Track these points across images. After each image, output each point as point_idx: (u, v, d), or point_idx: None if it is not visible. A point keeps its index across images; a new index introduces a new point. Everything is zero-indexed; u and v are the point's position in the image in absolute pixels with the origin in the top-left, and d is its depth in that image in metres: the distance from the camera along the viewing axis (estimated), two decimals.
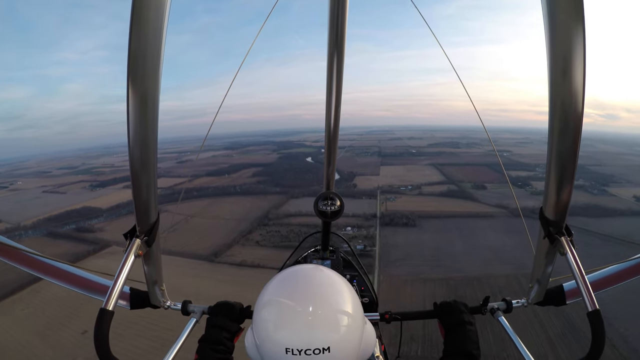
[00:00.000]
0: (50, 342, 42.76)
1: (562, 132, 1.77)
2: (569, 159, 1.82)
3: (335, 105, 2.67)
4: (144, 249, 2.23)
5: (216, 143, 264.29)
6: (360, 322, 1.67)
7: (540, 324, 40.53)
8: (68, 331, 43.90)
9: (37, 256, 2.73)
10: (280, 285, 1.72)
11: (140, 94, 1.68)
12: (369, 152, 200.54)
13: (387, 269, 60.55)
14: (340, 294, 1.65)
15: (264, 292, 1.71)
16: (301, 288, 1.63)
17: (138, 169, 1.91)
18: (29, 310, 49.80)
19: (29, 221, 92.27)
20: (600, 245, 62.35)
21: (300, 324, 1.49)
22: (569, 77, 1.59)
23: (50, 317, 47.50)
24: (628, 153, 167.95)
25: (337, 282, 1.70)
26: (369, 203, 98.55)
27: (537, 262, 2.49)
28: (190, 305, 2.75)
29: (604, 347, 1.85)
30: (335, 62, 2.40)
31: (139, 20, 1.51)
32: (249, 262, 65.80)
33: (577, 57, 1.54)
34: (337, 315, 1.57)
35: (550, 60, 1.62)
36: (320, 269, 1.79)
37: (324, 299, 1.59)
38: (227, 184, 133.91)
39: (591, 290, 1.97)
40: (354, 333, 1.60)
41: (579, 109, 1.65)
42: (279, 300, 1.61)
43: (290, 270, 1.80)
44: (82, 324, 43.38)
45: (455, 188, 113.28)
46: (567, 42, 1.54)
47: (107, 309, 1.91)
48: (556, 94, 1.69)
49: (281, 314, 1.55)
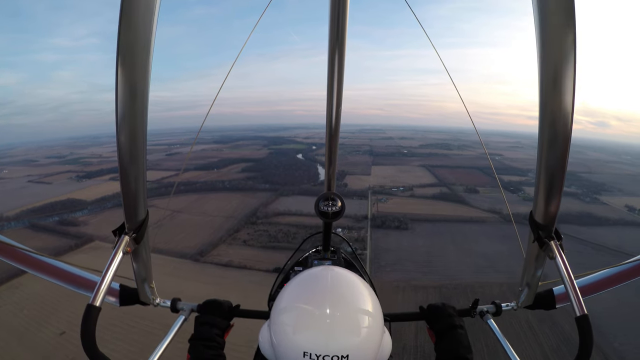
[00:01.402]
0: (27, 343, 41.32)
1: (552, 137, 1.79)
2: (559, 164, 1.84)
3: (336, 106, 2.49)
4: (132, 246, 2.22)
5: (206, 136, 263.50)
6: (380, 323, 1.72)
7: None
8: (46, 332, 42.75)
9: (24, 250, 2.68)
10: (298, 289, 1.79)
11: (129, 88, 1.68)
12: (360, 151, 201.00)
13: (378, 275, 58.97)
14: (359, 294, 1.72)
15: (282, 297, 1.77)
16: (319, 291, 1.70)
17: (127, 166, 1.89)
18: (7, 308, 48.23)
19: (11, 212, 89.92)
20: (594, 255, 62.71)
21: (320, 328, 1.52)
22: (559, 89, 1.63)
23: (29, 315, 46.11)
24: (618, 161, 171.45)
25: (354, 282, 1.78)
26: (360, 204, 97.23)
27: (527, 266, 2.49)
28: (180, 303, 2.78)
29: (592, 352, 1.89)
30: (337, 61, 2.18)
31: (128, 12, 1.49)
32: (235, 263, 63.66)
33: (568, 70, 1.57)
34: (357, 316, 1.61)
35: (541, 71, 1.66)
36: (336, 270, 1.89)
37: (343, 300, 1.64)
38: (215, 178, 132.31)
39: (580, 295, 1.99)
40: (373, 335, 1.63)
41: (569, 119, 1.69)
42: (298, 305, 1.66)
43: (306, 274, 1.90)
44: (61, 324, 42.73)
45: (447, 191, 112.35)
46: (558, 53, 1.56)
47: (94, 304, 1.89)
48: (546, 105, 1.72)
49: (300, 319, 1.59)
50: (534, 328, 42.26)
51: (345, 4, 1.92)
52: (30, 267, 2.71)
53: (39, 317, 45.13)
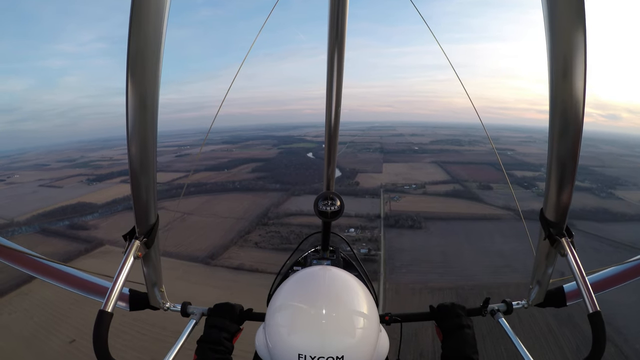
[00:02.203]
0: (36, 350, 40.93)
1: (563, 134, 1.80)
2: (570, 160, 1.85)
3: (335, 106, 2.51)
4: (143, 250, 2.23)
5: (216, 137, 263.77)
6: (376, 324, 1.73)
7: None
8: (55, 340, 42.35)
9: (35, 257, 2.73)
10: (293, 288, 1.82)
11: (139, 96, 1.70)
12: (370, 149, 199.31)
13: (393, 277, 57.73)
14: (355, 295, 1.72)
15: (277, 296, 1.79)
16: (314, 291, 1.71)
17: (137, 171, 1.92)
18: (17, 315, 47.95)
19: (22, 217, 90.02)
20: (612, 253, 61.03)
21: (314, 329, 1.53)
22: (570, 78, 1.63)
23: (38, 322, 45.71)
24: (631, 154, 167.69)
25: (350, 283, 1.80)
26: (372, 202, 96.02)
27: (538, 263, 2.50)
28: (190, 307, 2.78)
29: (605, 348, 1.88)
30: (336, 60, 2.25)
31: (138, 21, 1.51)
32: (247, 266, 62.74)
33: (578, 59, 1.57)
34: (352, 317, 1.62)
35: (551, 61, 1.66)
36: (333, 270, 1.91)
37: (338, 301, 1.65)
38: (226, 179, 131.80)
39: (592, 291, 2.00)
40: (369, 336, 1.64)
41: (580, 111, 1.69)
42: (293, 304, 1.68)
43: (303, 273, 1.92)
44: (70, 331, 42.35)
45: (460, 188, 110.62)
46: (568, 44, 1.57)
47: (106, 310, 1.90)
48: (557, 96, 1.72)
49: (295, 319, 1.61)
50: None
51: (344, 4, 1.94)
52: (42, 274, 2.72)
53: (48, 325, 44.74)
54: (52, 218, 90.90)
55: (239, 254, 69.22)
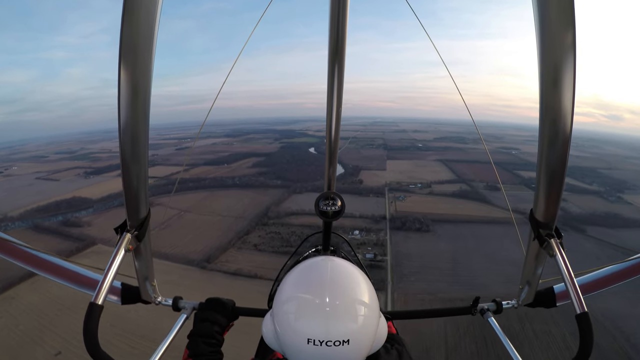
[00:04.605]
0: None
1: (553, 136, 1.83)
2: (559, 165, 1.89)
3: (336, 106, 2.52)
4: (134, 243, 2.25)
5: (217, 130, 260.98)
6: (376, 310, 1.79)
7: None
8: (40, 350, 39.89)
9: (26, 248, 2.69)
10: (299, 278, 1.85)
11: (131, 86, 1.71)
12: (373, 145, 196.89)
13: (401, 285, 54.73)
14: (356, 283, 1.77)
15: (283, 288, 1.82)
16: (319, 281, 1.75)
17: (129, 163, 1.94)
18: (1, 321, 45.25)
19: (16, 211, 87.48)
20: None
21: (321, 315, 1.60)
22: (560, 85, 1.67)
23: (24, 330, 43.14)
24: (636, 157, 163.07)
25: (352, 272, 1.83)
26: (377, 202, 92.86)
27: (527, 264, 2.55)
28: (181, 302, 2.82)
29: (592, 349, 1.93)
30: (337, 61, 2.23)
31: (131, 9, 1.53)
32: (245, 271, 59.37)
33: (568, 69, 1.62)
34: (355, 305, 1.68)
35: (541, 71, 1.70)
36: (336, 260, 1.94)
37: (342, 289, 1.70)
38: (225, 174, 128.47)
39: (580, 292, 2.03)
40: (371, 321, 1.71)
41: (569, 115, 1.74)
42: (300, 295, 1.72)
43: (307, 263, 1.94)
44: (56, 342, 40.34)
45: (467, 188, 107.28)
46: (558, 54, 1.61)
47: (96, 303, 1.91)
48: (547, 102, 1.77)
49: (302, 307, 1.66)
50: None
51: (345, 4, 1.95)
52: (33, 266, 2.69)
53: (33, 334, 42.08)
54: (45, 213, 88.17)
55: (237, 257, 66.06)
